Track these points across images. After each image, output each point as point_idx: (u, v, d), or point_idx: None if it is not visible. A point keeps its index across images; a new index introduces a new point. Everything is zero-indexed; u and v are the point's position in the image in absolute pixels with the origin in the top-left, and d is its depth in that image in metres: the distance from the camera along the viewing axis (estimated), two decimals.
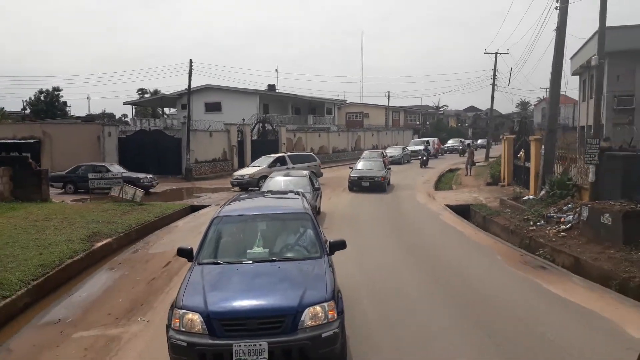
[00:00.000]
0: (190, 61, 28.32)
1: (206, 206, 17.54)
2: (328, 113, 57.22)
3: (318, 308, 4.64)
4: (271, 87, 49.33)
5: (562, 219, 11.51)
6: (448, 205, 16.68)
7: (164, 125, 40.85)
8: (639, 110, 19.30)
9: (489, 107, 40.57)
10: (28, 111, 51.77)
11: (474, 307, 7.03)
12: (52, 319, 7.06)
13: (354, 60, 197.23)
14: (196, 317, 4.55)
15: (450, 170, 30.78)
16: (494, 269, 9.20)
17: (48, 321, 7.00)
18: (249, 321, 4.51)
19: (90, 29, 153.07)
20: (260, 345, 4.38)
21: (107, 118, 55.14)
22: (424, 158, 33.20)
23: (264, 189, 14.68)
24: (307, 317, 4.57)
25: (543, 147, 14.60)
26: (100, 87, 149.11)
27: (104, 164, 22.04)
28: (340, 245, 5.95)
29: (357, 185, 20.74)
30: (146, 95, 60.17)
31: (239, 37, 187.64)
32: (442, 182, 25.27)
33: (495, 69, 36.59)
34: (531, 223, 12.24)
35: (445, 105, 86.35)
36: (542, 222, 12.07)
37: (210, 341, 4.45)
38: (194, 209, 17.41)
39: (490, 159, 33.51)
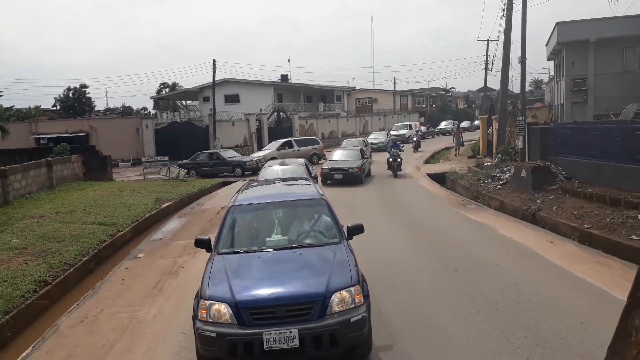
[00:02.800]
0: (214, 61, 32.85)
1: (235, 182, 21.93)
2: (338, 100, 61.15)
3: (345, 293, 4.60)
4: (284, 78, 53.49)
5: (502, 177, 15.62)
6: (428, 174, 20.82)
7: (188, 117, 45.42)
8: (591, 90, 22.98)
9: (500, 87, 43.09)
10: (58, 108, 56.56)
11: (420, 228, 11.25)
12: (156, 238, 11.56)
13: (365, 44, 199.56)
14: (223, 307, 4.51)
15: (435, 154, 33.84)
16: (439, 208, 13.47)
17: (154, 239, 11.51)
18: (278, 309, 4.46)
19: (102, 22, 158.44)
20: (290, 332, 4.34)
21: (142, 112, 59.74)
22: (396, 158, 20.33)
23: (259, 177, 13.50)
24: (334, 303, 4.53)
25: (496, 124, 18.63)
26: (120, 82, 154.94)
27: (219, 151, 26.22)
28: (358, 229, 5.86)
29: (330, 178, 18.58)
30: (166, 90, 64.63)
31: (251, 25, 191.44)
32: (434, 159, 29.23)
33: (487, 55, 40.09)
34: (481, 182, 16.36)
35: (452, 87, 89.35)
36: (489, 180, 16.17)
37: (240, 331, 4.41)
38: (225, 183, 21.84)
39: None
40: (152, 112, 58.47)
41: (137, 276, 8.65)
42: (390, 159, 20.10)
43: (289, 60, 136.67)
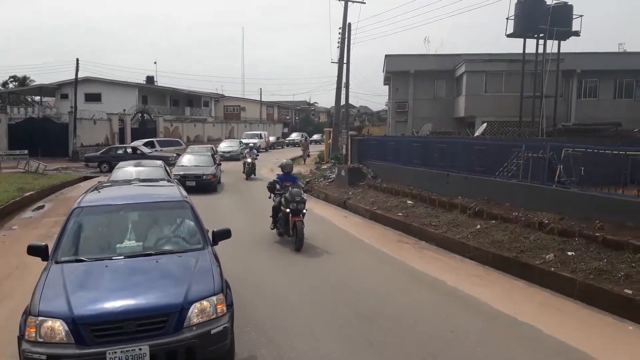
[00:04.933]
0: (77, 60, 32.94)
1: (96, 177, 23.09)
2: (205, 105, 62.80)
3: (205, 303, 4.28)
4: (150, 80, 53.86)
5: (330, 176, 19.52)
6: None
7: (43, 114, 43.71)
8: (410, 112, 28.59)
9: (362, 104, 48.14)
10: None
11: (257, 210, 14.32)
12: (26, 217, 13.08)
13: (237, 53, 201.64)
14: (58, 324, 3.92)
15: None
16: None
17: (24, 217, 13.01)
18: (126, 324, 3.98)
19: None
20: (140, 349, 3.92)
21: None
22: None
23: (112, 178, 11.85)
24: (193, 314, 4.19)
25: (332, 135, 22.81)
26: None
27: (139, 146, 26.62)
28: (224, 234, 5.57)
29: (181, 185, 17.86)
30: (14, 84, 60.23)
31: (117, 25, 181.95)
32: None
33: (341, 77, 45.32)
34: (316, 180, 20.12)
35: (316, 102, 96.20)
36: (322, 179, 19.99)
37: (77, 351, 3.86)
38: (87, 178, 22.91)
39: None
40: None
41: (16, 239, 10.41)
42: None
43: (155, 63, 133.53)
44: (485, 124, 22.46)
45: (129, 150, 26.22)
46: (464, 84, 26.02)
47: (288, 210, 9.60)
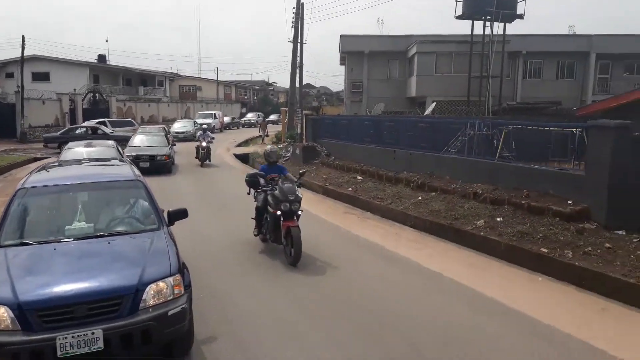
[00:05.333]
0: (23, 37, 31.63)
1: (47, 158, 22.60)
2: (160, 85, 61.41)
3: (162, 284, 4.18)
4: (102, 59, 52.15)
5: (286, 155, 19.92)
6: (235, 154, 24.43)
7: None
8: (365, 92, 29.19)
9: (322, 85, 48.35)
10: None
11: (212, 189, 14.57)
12: None
13: (193, 33, 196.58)
14: (2, 311, 3.76)
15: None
16: (231, 176, 17.06)
17: None
18: (77, 307, 3.83)
19: None
20: (93, 333, 3.78)
21: None
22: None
23: (61, 159, 11.05)
24: (149, 295, 4.08)
25: (287, 115, 23.15)
26: None
27: (101, 126, 26.25)
28: (181, 214, 5.45)
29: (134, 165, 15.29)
30: None
31: (66, 3, 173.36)
32: (246, 144, 33.02)
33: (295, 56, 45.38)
34: None
35: (274, 82, 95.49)
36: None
37: (25, 337, 3.69)
38: (37, 159, 22.39)
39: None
40: None
41: None
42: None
43: (107, 41, 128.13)
44: (434, 103, 23.32)
45: (90, 130, 25.48)
46: (415, 65, 26.76)
47: (279, 212, 7.30)
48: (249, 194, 8.52)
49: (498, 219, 8.67)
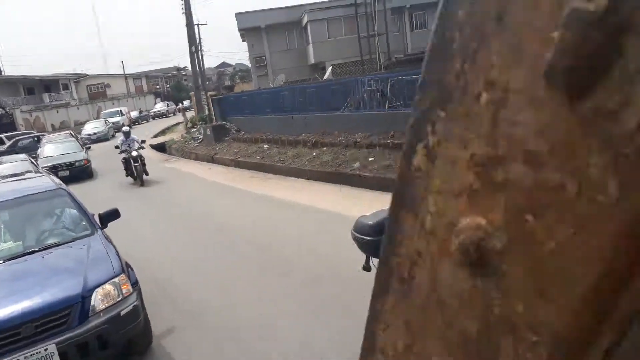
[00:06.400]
0: None
1: None
2: (65, 89, 59.04)
3: (108, 286, 4.13)
4: None
5: (199, 138, 21.06)
6: (151, 145, 25.12)
7: None
8: (269, 65, 30.47)
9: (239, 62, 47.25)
10: None
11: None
12: None
13: (93, 28, 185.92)
14: None
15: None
16: (155, 167, 18.12)
17: None
18: (24, 327, 3.75)
19: None
20: (45, 350, 3.69)
21: None
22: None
23: None
24: (97, 300, 4.03)
25: (195, 99, 24.13)
26: None
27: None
28: (113, 215, 5.39)
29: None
30: None
31: None
32: (163, 133, 33.45)
33: (192, 41, 45.43)
34: (187, 143, 21.54)
35: (185, 67, 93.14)
36: (192, 141, 21.45)
37: None
38: None
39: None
40: None
41: None
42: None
43: None
44: (331, 67, 25.04)
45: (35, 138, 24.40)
46: (309, 33, 28.25)
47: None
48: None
49: (370, 159, 10.59)
